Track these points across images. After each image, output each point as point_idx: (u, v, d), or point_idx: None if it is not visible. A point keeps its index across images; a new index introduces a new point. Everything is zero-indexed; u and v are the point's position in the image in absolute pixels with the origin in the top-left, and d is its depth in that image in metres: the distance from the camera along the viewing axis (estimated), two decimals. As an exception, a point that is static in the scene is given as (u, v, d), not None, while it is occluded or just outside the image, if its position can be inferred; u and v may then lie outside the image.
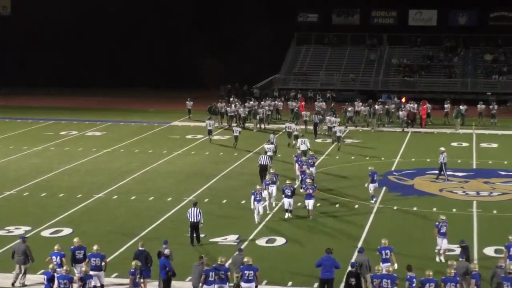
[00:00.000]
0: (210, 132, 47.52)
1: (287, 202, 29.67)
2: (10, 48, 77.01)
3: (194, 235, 26.31)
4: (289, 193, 29.54)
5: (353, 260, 21.57)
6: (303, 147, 39.24)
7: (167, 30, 75.93)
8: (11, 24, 77.96)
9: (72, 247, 22.31)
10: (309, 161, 35.00)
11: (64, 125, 53.89)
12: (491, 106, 54.79)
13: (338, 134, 44.32)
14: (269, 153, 36.97)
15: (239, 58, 70.29)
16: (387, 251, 22.55)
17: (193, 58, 72.10)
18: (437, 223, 25.04)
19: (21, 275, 22.57)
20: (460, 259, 21.70)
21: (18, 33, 77.23)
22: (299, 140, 41.43)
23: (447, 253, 24.77)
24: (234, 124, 51.54)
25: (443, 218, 25.15)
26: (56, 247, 22.09)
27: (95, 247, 21.85)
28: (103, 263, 21.66)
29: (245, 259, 20.95)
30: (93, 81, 75.12)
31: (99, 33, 75.94)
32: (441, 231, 24.84)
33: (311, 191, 29.71)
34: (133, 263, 20.94)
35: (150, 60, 75.64)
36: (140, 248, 22.15)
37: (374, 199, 32.02)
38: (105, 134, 50.20)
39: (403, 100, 58.89)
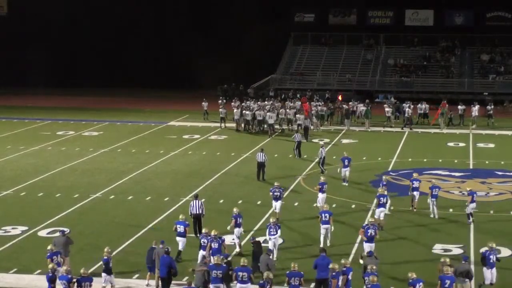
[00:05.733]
0: (223, 120, 51.61)
1: (201, 254, 23.31)
2: (6, 47, 76.93)
3: (197, 227, 26.87)
4: (205, 244, 23.09)
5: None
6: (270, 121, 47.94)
7: (163, 30, 75.93)
8: (7, 23, 77.89)
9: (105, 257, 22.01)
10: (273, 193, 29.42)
11: (61, 125, 53.84)
12: (488, 107, 54.81)
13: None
14: (270, 121, 47.07)
15: (236, 58, 70.24)
16: (326, 214, 25.48)
17: (190, 58, 72.06)
18: (364, 225, 24.49)
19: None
20: (463, 262, 21.40)
21: (15, 32, 77.15)
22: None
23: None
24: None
25: (372, 220, 24.64)
26: (49, 247, 22.11)
27: (180, 216, 24.50)
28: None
29: (241, 260, 21.01)
30: (90, 81, 75.04)
31: (96, 33, 75.90)
32: (368, 235, 23.58)
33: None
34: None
35: (147, 60, 75.60)
36: (153, 246, 22.51)
37: (346, 183, 34.79)
38: (102, 134, 50.17)
39: (339, 98, 58.70)
